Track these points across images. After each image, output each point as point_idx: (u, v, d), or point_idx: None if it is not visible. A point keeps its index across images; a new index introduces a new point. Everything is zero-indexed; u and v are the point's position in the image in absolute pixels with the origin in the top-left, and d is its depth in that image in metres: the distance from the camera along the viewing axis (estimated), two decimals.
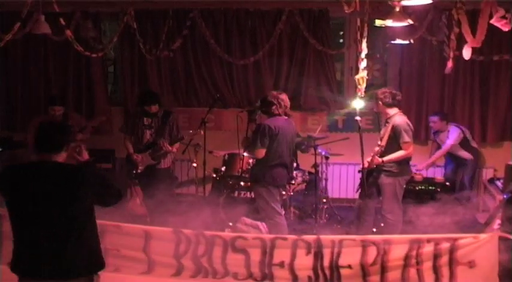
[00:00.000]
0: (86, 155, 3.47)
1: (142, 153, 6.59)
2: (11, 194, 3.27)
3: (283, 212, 6.01)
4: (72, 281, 3.24)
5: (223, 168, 7.14)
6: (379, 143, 5.94)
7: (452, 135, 7.38)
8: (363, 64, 5.14)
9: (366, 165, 5.74)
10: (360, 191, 6.06)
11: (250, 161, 6.62)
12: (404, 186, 6.15)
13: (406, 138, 5.81)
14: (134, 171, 6.63)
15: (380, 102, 5.91)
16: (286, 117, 5.78)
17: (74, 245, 3.22)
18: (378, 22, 5.58)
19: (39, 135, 3.36)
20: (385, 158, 5.75)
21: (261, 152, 5.58)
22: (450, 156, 7.60)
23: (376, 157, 5.78)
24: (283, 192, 6.19)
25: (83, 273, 3.27)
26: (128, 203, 6.95)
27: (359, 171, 5.71)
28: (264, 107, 5.75)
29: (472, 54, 5.30)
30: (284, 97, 5.74)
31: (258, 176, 5.68)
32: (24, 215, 3.23)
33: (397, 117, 5.90)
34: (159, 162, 6.61)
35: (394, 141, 5.79)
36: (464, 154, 7.47)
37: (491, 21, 4.01)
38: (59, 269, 3.21)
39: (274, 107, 5.65)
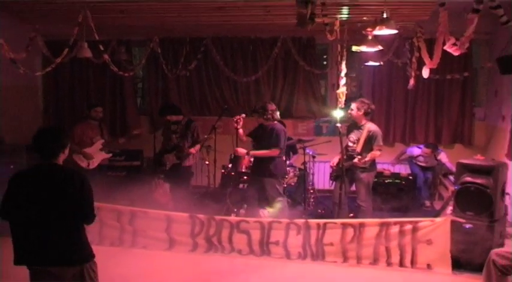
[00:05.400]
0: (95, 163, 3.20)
1: (169, 154, 6.51)
2: (17, 194, 2.97)
3: None
4: (68, 267, 3.02)
5: (230, 165, 7.16)
6: (351, 145, 5.87)
7: (446, 158, 7.26)
8: (343, 81, 5.15)
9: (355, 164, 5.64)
10: (335, 183, 5.99)
11: (252, 159, 6.62)
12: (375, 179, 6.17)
13: (381, 142, 5.78)
14: (163, 168, 6.55)
15: (359, 112, 5.79)
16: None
17: (67, 238, 3.00)
18: (355, 48, 5.59)
19: (36, 142, 3.01)
20: (367, 159, 5.59)
21: (278, 152, 5.62)
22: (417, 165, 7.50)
23: (360, 158, 5.58)
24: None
25: (76, 262, 3.05)
26: (153, 194, 6.97)
27: (340, 167, 5.65)
28: (264, 114, 5.71)
29: (430, 73, 5.32)
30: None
31: (273, 170, 5.66)
32: (29, 212, 2.94)
33: (371, 125, 5.84)
34: (183, 162, 6.50)
35: (369, 144, 5.75)
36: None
37: (445, 47, 4.03)
38: (58, 258, 3.00)
39: (273, 115, 5.71)
